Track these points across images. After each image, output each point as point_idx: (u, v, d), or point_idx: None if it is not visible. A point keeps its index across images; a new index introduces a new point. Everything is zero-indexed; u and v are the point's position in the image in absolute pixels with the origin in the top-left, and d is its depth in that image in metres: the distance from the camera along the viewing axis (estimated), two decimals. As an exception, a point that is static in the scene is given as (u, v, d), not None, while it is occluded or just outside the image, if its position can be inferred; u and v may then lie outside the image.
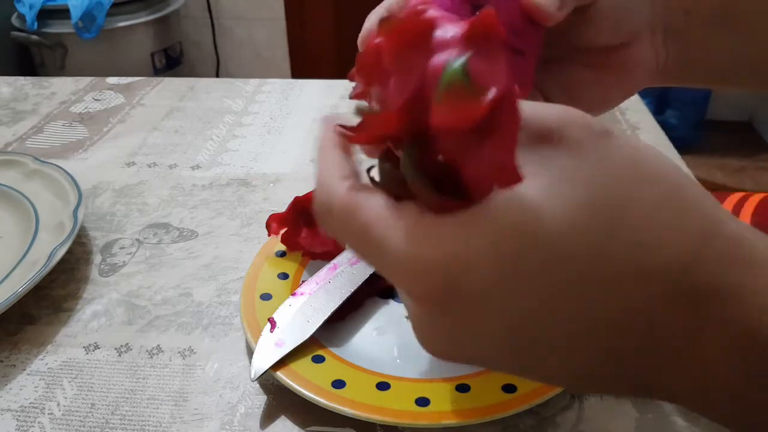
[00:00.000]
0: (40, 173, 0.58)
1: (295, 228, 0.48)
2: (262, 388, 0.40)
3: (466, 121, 0.20)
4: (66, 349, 0.44)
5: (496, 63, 0.20)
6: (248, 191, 0.61)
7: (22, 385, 0.41)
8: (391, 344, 0.42)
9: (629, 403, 0.38)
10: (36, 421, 0.39)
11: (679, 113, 2.14)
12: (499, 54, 0.20)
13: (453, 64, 0.20)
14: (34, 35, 1.83)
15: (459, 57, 0.20)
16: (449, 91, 0.20)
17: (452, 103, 0.20)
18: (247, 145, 0.69)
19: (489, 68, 0.20)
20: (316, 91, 0.81)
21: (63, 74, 1.76)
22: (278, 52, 2.34)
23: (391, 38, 0.22)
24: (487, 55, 0.21)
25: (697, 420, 0.37)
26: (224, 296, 0.48)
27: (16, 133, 0.73)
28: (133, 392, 0.40)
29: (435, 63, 0.21)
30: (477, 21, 0.21)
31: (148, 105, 0.79)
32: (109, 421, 0.38)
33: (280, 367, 0.38)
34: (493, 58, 0.20)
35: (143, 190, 0.61)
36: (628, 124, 0.71)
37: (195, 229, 0.55)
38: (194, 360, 0.42)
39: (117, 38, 1.88)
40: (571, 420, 0.37)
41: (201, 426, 0.38)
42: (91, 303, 0.48)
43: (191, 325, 0.45)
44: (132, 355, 0.43)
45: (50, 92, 0.82)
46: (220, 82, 0.85)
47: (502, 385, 0.37)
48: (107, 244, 0.54)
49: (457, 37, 0.21)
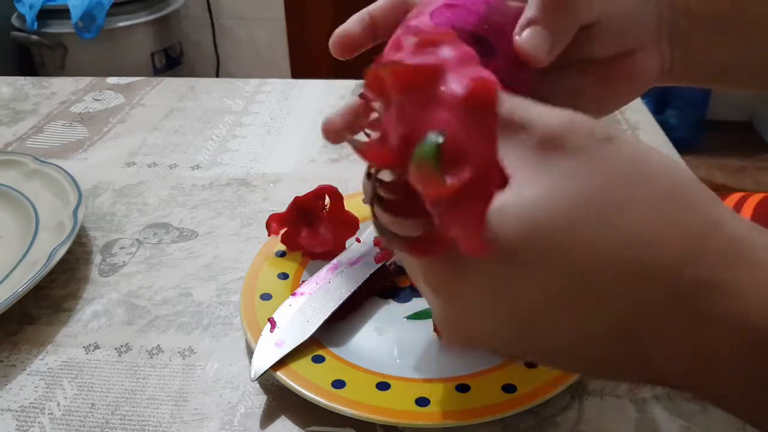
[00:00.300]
0: (40, 173, 0.58)
1: (295, 228, 0.48)
2: (262, 388, 0.40)
3: (431, 192, 0.21)
4: (66, 349, 0.44)
5: (483, 138, 0.21)
6: (248, 191, 0.61)
7: (22, 385, 0.41)
8: (391, 344, 0.42)
9: (629, 403, 0.38)
10: (36, 421, 0.39)
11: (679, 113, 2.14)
12: (491, 127, 0.21)
13: (429, 140, 0.21)
14: (34, 35, 1.83)
15: (438, 134, 0.21)
16: (419, 165, 0.21)
17: (420, 177, 0.21)
18: (247, 145, 0.69)
19: (473, 144, 0.21)
20: (316, 91, 0.81)
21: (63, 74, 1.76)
22: (278, 52, 2.34)
23: (393, 78, 0.23)
24: (477, 127, 0.21)
25: (698, 420, 0.37)
26: (224, 296, 0.48)
27: (16, 133, 0.73)
28: (133, 392, 0.40)
29: (423, 123, 0.22)
30: (475, 89, 0.21)
31: (148, 105, 0.79)
32: (109, 421, 0.38)
33: (280, 367, 0.38)
34: (482, 130, 0.21)
35: (143, 190, 0.61)
36: (628, 123, 0.71)
37: (195, 229, 0.55)
38: (194, 360, 0.42)
39: (117, 38, 1.88)
40: (571, 420, 0.37)
41: (201, 426, 0.38)
42: (91, 303, 0.48)
43: (191, 325, 0.45)
44: (132, 355, 0.43)
45: (50, 92, 0.82)
46: (220, 82, 0.85)
47: (502, 385, 0.37)
48: (107, 244, 0.54)
49: (453, 98, 0.22)
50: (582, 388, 0.39)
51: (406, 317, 0.44)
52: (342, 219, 0.48)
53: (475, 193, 0.21)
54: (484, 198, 0.21)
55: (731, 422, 0.37)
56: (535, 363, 0.38)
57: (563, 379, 0.37)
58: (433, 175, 0.21)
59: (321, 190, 0.48)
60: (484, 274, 0.23)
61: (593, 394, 0.39)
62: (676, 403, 0.38)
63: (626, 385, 0.39)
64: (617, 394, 0.39)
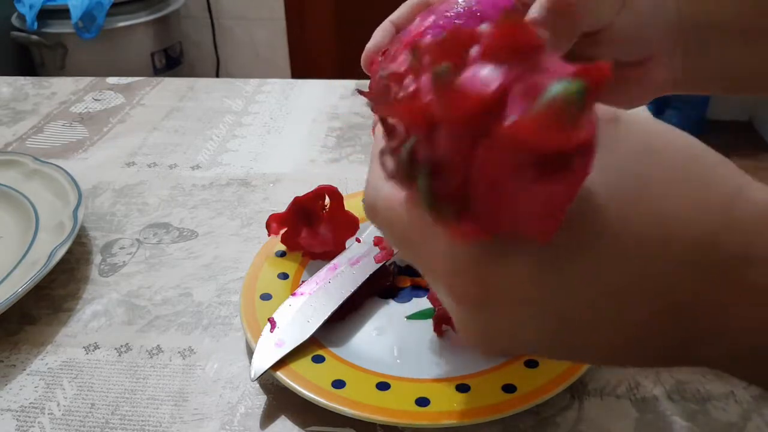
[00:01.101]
0: (40, 173, 0.58)
1: (295, 228, 0.48)
2: (262, 388, 0.40)
3: (559, 142, 0.18)
4: (66, 349, 0.44)
5: (593, 110, 0.19)
6: (248, 191, 0.61)
7: (22, 385, 0.41)
8: (391, 344, 0.42)
9: (629, 403, 0.38)
10: (36, 421, 0.39)
11: (679, 113, 2.14)
12: (594, 106, 0.19)
13: (572, 82, 0.18)
14: (34, 35, 1.83)
15: (578, 80, 0.18)
16: (553, 105, 0.18)
17: (550, 120, 0.18)
18: (247, 145, 0.69)
19: (591, 109, 0.19)
20: (316, 91, 0.81)
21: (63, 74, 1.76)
22: (278, 52, 2.34)
23: (499, 32, 0.19)
24: (593, 99, 0.18)
25: (697, 419, 0.37)
26: (224, 296, 0.48)
27: (16, 133, 0.73)
28: (133, 392, 0.40)
29: (532, 78, 0.19)
30: (594, 68, 0.18)
31: (148, 105, 0.79)
32: (109, 421, 0.38)
33: (280, 367, 0.38)
34: (593, 106, 0.19)
35: (143, 190, 0.61)
36: (628, 124, 0.71)
37: (195, 229, 0.55)
38: (194, 360, 0.42)
39: (117, 38, 1.88)
40: (571, 420, 0.37)
41: (201, 426, 0.38)
42: (91, 303, 0.48)
43: (191, 325, 0.45)
44: (132, 355, 0.43)
45: (50, 92, 0.82)
46: (220, 82, 0.85)
47: (502, 385, 0.37)
48: (107, 244, 0.54)
49: (569, 69, 0.19)
50: (582, 388, 0.39)
51: (406, 317, 0.44)
52: (342, 219, 0.49)
53: (582, 158, 0.18)
54: (587, 166, 0.19)
55: (732, 422, 0.37)
56: (537, 362, 0.38)
57: (563, 379, 0.37)
58: (571, 120, 0.18)
59: (321, 190, 0.48)
60: (522, 267, 0.21)
61: (593, 394, 0.39)
62: (676, 403, 0.38)
63: (626, 385, 0.39)
64: (617, 394, 0.39)
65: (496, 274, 0.22)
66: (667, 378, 0.40)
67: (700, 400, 0.38)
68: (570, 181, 0.19)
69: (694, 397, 0.38)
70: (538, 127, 0.18)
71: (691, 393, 0.39)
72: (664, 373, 0.40)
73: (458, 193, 0.20)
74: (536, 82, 0.18)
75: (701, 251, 0.21)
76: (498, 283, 0.22)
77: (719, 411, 0.38)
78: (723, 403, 0.38)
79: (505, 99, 0.19)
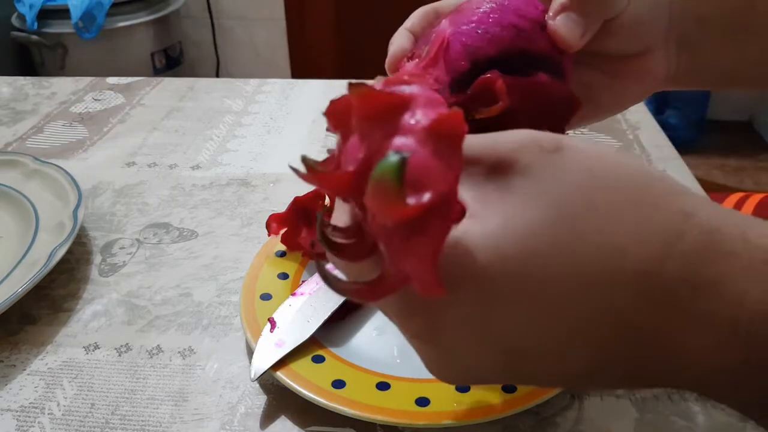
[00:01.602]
0: (40, 173, 0.58)
1: (295, 228, 0.48)
2: (262, 388, 0.40)
3: (389, 215, 0.20)
4: (66, 349, 0.44)
5: (446, 166, 0.20)
6: (248, 191, 0.61)
7: (22, 385, 0.41)
8: (391, 344, 0.42)
9: (629, 403, 0.38)
10: (36, 421, 0.39)
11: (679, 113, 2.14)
12: (455, 156, 0.20)
13: (391, 157, 0.20)
14: (34, 35, 1.83)
15: (400, 153, 0.20)
16: (379, 183, 0.20)
17: (378, 196, 0.20)
18: (247, 145, 0.69)
19: (436, 170, 0.20)
20: (315, 91, 0.81)
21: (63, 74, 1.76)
22: (278, 52, 2.34)
23: (361, 102, 0.22)
24: (441, 155, 0.20)
25: (697, 419, 0.37)
26: (224, 296, 0.48)
27: (16, 133, 0.73)
28: (133, 392, 0.40)
29: (387, 147, 0.21)
30: (444, 118, 0.21)
31: (148, 105, 0.79)
32: (109, 421, 0.38)
33: (281, 367, 0.38)
34: (446, 160, 0.20)
35: (143, 190, 0.61)
36: (628, 124, 0.71)
37: (195, 229, 0.55)
38: (194, 360, 0.42)
39: (117, 38, 1.88)
40: (571, 420, 0.37)
41: (201, 426, 0.38)
42: (91, 303, 0.48)
43: (191, 325, 0.45)
44: (132, 355, 0.43)
45: (50, 92, 0.82)
46: (220, 82, 0.85)
47: (503, 385, 0.37)
48: (107, 244, 0.54)
49: (420, 126, 0.21)
50: (582, 388, 0.39)
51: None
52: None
53: (434, 221, 0.20)
54: (442, 228, 0.20)
55: (731, 423, 0.37)
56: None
57: (563, 379, 0.37)
58: (393, 195, 0.19)
59: (321, 190, 0.48)
60: (459, 307, 0.22)
61: (593, 394, 0.39)
62: (675, 403, 0.38)
63: (626, 385, 0.39)
64: (617, 394, 0.39)
65: (439, 317, 0.23)
66: (667, 378, 0.40)
67: (700, 400, 0.38)
68: (429, 239, 0.20)
69: (693, 398, 0.38)
70: (374, 202, 0.21)
71: (692, 393, 0.39)
72: (664, 373, 0.40)
73: (361, 251, 0.23)
74: (382, 151, 0.21)
75: (647, 279, 0.21)
76: (443, 323, 0.23)
77: (719, 411, 0.38)
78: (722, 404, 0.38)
79: (368, 170, 0.21)
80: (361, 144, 0.22)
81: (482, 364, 0.24)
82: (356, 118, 0.23)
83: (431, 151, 0.20)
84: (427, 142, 0.21)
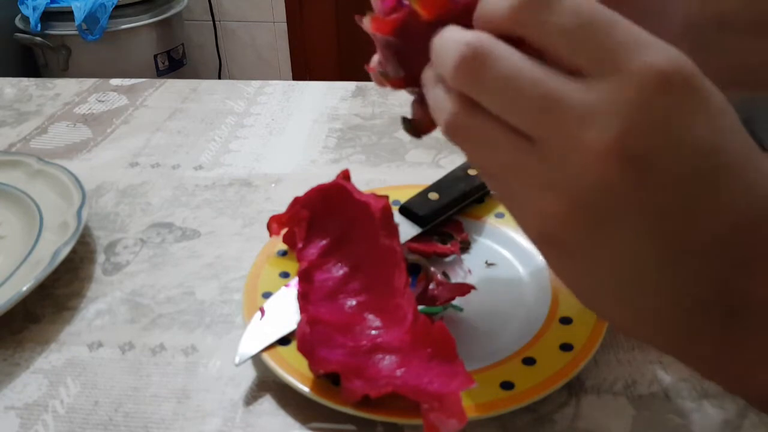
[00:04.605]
0: (44, 174, 0.58)
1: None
2: (263, 386, 0.41)
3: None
4: (70, 348, 0.44)
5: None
6: (250, 191, 0.61)
7: (26, 383, 0.41)
8: (391, 342, 0.42)
9: (626, 401, 0.39)
10: (40, 419, 0.39)
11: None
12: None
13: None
14: (38, 37, 1.84)
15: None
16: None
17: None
18: (249, 146, 0.69)
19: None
20: (316, 92, 0.82)
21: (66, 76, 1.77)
22: (280, 54, 2.35)
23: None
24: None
25: (694, 417, 0.37)
26: (226, 295, 0.48)
27: (20, 133, 0.73)
28: (137, 390, 0.41)
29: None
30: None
31: (151, 106, 0.79)
32: (112, 419, 0.39)
33: (278, 361, 0.39)
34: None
35: (146, 191, 0.62)
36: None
37: (197, 229, 0.56)
38: (197, 358, 0.43)
39: (120, 40, 1.89)
40: (569, 417, 0.38)
41: (203, 423, 0.38)
42: (94, 302, 0.48)
43: (194, 324, 0.46)
44: (135, 353, 0.43)
45: (54, 93, 0.83)
46: (222, 84, 0.86)
47: (500, 382, 0.37)
48: (111, 244, 0.54)
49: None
50: (579, 386, 0.39)
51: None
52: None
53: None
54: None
55: (728, 421, 0.37)
56: (534, 359, 0.38)
57: (561, 377, 0.37)
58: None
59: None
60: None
61: (591, 392, 0.39)
62: (672, 401, 0.39)
63: (623, 383, 0.40)
64: (614, 392, 0.39)
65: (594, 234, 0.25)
66: (664, 376, 0.40)
67: (697, 397, 0.39)
68: None
69: (691, 395, 0.39)
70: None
71: (688, 390, 0.39)
72: (661, 370, 0.40)
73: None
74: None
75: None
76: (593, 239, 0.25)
77: (716, 408, 0.38)
78: (720, 401, 0.38)
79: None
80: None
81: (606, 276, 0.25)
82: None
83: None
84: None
